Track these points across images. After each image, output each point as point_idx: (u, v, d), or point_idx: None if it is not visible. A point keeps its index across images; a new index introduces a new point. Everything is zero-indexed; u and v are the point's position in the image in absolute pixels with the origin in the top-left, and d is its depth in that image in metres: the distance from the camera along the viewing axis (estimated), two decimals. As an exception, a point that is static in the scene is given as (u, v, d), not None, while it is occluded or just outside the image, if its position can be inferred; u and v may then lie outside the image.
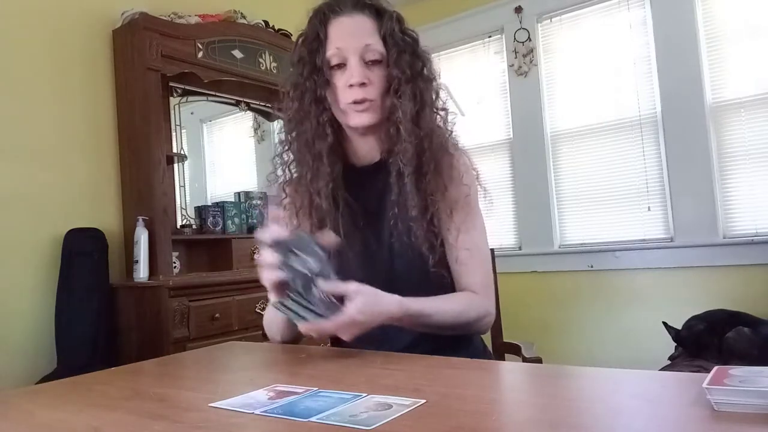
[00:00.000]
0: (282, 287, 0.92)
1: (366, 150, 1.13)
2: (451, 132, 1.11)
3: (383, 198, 1.11)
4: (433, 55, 1.14)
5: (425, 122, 1.06)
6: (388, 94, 1.06)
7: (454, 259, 1.09)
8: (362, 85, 1.04)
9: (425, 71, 1.09)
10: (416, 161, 1.05)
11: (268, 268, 0.91)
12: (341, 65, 1.05)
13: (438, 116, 1.10)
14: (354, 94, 1.04)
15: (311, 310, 0.88)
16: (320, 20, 1.07)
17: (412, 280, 1.08)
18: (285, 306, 0.90)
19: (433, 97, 1.09)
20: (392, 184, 1.07)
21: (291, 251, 0.90)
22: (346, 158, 1.14)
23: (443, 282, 1.09)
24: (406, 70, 1.05)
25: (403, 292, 0.98)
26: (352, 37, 1.05)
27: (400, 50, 1.06)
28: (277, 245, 0.91)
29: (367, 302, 0.89)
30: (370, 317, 0.90)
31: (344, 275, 0.91)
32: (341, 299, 0.89)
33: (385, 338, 1.01)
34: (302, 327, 0.90)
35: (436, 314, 1.00)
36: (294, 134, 1.10)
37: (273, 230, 0.92)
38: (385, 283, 0.99)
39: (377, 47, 1.05)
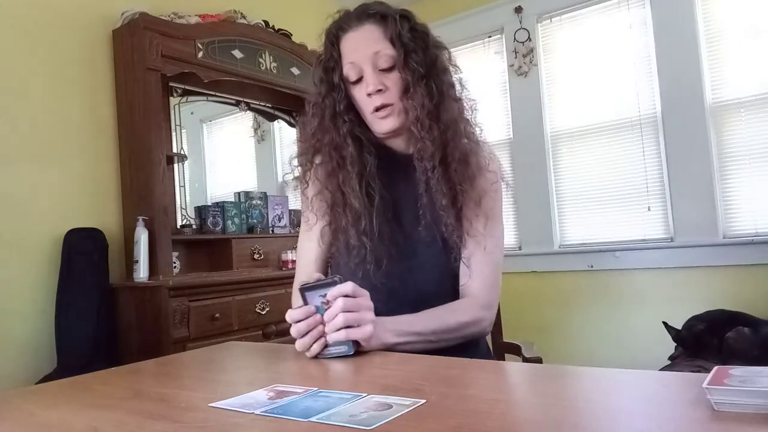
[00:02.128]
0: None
1: (398, 151, 1.16)
2: (474, 119, 1.13)
3: (413, 192, 1.12)
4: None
5: (446, 114, 1.08)
6: (406, 94, 1.08)
7: (464, 258, 1.09)
8: (379, 91, 1.06)
9: (439, 63, 1.10)
10: (441, 153, 1.07)
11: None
12: (360, 79, 1.08)
13: (458, 106, 1.11)
14: (374, 102, 1.07)
15: (344, 343, 0.90)
16: (331, 41, 1.11)
17: (432, 271, 1.09)
18: (328, 355, 0.92)
19: (452, 87, 1.11)
20: (422, 176, 1.09)
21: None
22: (381, 153, 1.16)
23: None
24: (418, 68, 1.06)
25: (423, 282, 1.04)
26: (361, 49, 1.08)
27: (408, 50, 1.07)
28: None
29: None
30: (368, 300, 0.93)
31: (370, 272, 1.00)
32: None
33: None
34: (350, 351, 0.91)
35: (417, 320, 1.00)
36: (318, 146, 1.13)
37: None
38: (404, 274, 1.03)
39: (387, 52, 1.07)
